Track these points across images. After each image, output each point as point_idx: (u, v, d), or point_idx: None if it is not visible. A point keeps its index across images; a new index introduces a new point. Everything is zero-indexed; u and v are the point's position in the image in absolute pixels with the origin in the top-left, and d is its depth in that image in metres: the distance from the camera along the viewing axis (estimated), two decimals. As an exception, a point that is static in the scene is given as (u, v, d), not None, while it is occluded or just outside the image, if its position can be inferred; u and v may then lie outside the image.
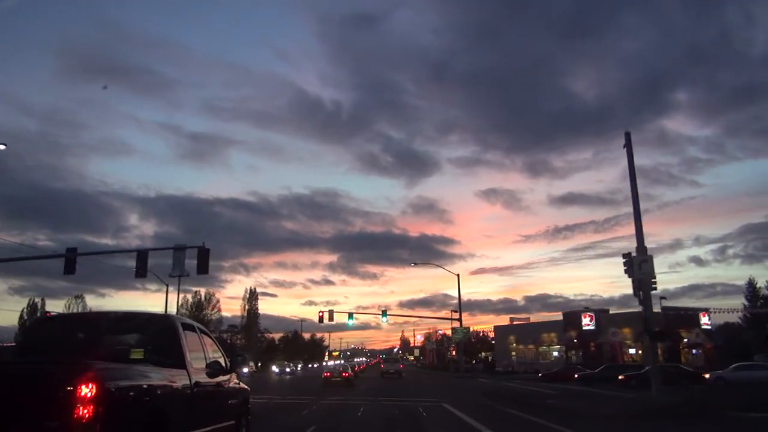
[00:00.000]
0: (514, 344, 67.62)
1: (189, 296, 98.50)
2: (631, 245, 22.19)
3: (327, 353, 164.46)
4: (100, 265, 41.48)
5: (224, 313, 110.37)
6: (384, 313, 59.63)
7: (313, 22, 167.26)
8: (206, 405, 6.32)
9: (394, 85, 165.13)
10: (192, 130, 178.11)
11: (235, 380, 7.97)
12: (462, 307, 62.70)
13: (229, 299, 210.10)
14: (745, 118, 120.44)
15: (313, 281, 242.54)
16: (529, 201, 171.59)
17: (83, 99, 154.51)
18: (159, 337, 6.17)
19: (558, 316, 64.88)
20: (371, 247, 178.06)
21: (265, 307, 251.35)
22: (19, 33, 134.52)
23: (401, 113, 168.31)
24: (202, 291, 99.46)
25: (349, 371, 38.51)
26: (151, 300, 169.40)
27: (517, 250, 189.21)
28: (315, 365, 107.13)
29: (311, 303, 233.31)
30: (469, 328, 61.56)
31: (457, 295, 56.91)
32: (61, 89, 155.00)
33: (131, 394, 4.52)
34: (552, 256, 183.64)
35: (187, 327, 6.64)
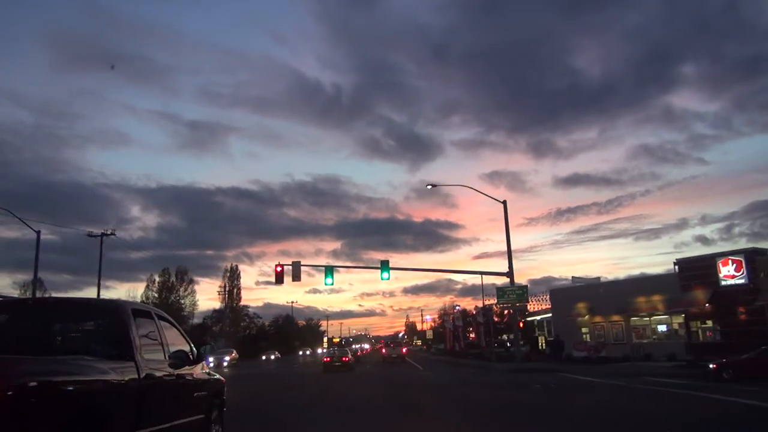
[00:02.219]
0: (587, 316, 44.02)
1: (156, 276, 79.75)
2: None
3: (326, 340, 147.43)
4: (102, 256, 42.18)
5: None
6: (384, 266, 36.32)
7: (310, 2, 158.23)
8: (162, 400, 5.64)
9: (394, 65, 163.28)
10: (190, 117, 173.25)
11: (204, 370, 7.27)
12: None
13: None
14: (753, 91, 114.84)
15: (317, 269, 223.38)
16: (534, 183, 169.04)
17: (78, 89, 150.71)
18: (103, 325, 5.67)
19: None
20: (375, 234, 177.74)
21: (269, 296, 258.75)
22: (8, 23, 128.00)
23: (402, 95, 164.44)
24: (173, 270, 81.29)
25: (349, 356, 37.54)
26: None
27: (521, 234, 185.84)
28: (262, 358, 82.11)
29: (315, 291, 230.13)
30: (526, 286, 38.15)
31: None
32: (55, 79, 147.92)
33: (54, 391, 3.83)
34: (555, 239, 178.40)
35: (141, 314, 5.89)
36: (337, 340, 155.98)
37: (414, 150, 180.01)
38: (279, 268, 35.99)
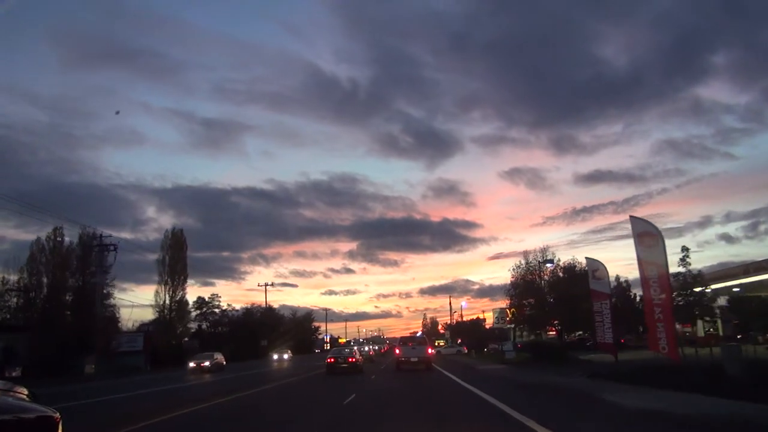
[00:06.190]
0: None
1: (45, 240, 49.86)
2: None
3: (329, 339, 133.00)
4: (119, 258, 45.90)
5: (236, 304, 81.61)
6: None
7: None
8: None
9: (412, 57, 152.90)
10: (204, 115, 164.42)
11: None
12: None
13: (249, 291, 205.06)
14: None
15: (333, 270, 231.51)
16: (554, 180, 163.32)
17: (91, 87, 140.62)
18: None
19: None
20: (391, 234, 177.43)
21: (285, 297, 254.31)
22: (19, 21, 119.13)
23: (420, 89, 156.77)
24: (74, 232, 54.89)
25: (357, 356, 33.21)
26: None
27: (539, 233, 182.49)
28: (274, 357, 66.37)
29: (331, 292, 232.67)
30: None
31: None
32: (68, 77, 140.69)
33: None
34: (571, 238, 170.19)
35: None
36: (343, 340, 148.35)
37: (432, 147, 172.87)
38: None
